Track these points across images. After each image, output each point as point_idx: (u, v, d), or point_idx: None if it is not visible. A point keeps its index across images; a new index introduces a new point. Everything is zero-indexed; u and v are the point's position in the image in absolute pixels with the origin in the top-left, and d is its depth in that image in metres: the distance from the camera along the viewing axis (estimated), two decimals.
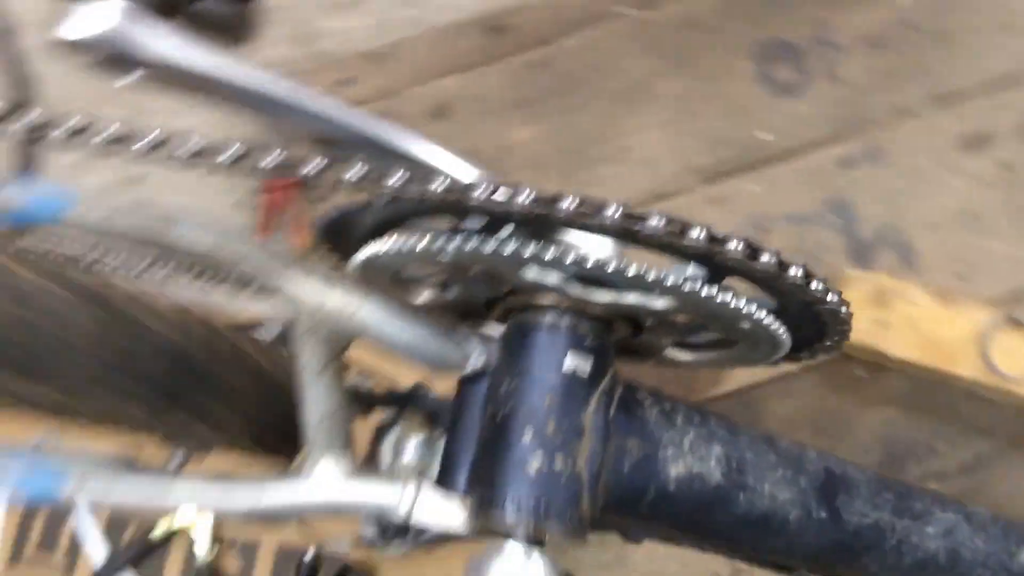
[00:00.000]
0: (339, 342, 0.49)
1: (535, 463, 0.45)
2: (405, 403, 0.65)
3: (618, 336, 0.49)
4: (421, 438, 0.66)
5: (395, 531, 1.19)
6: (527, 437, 0.46)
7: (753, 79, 1.38)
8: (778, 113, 1.36)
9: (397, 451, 0.67)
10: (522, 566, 0.45)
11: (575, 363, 0.46)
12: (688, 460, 0.50)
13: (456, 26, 1.47)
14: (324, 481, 0.52)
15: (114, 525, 1.29)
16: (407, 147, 0.46)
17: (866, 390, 1.24)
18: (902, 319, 1.21)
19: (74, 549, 1.29)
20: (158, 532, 1.24)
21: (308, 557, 1.22)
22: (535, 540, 0.46)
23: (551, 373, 0.46)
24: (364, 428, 0.75)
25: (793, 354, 0.52)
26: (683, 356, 0.53)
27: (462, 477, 0.51)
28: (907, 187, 1.32)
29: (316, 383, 0.49)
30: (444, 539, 1.21)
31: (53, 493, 0.52)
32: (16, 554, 1.30)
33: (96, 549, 1.27)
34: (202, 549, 1.23)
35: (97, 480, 0.53)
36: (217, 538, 1.25)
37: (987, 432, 1.22)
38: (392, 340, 0.48)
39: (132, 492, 0.52)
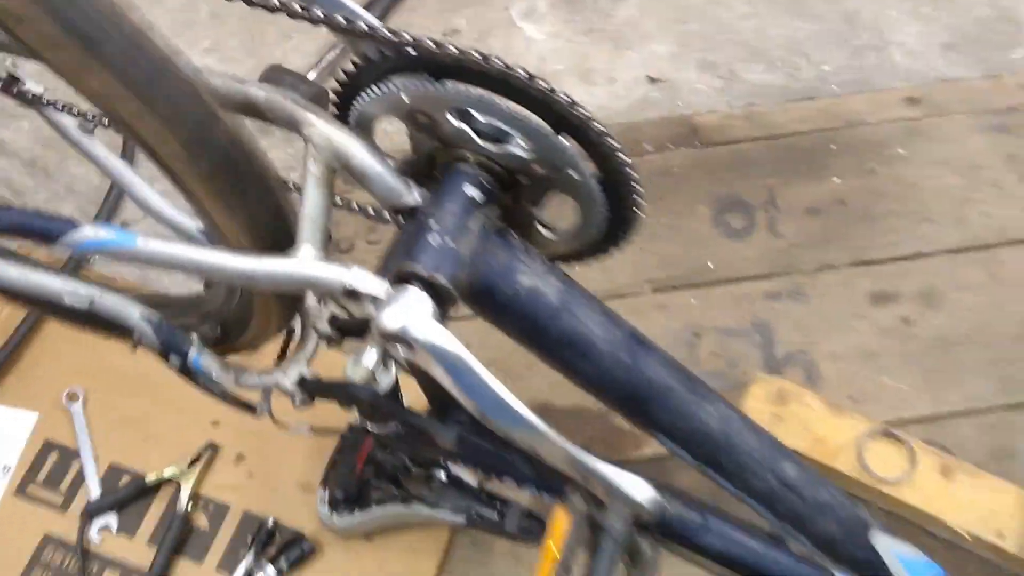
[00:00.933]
0: (335, 164, 0.77)
1: (435, 238, 0.73)
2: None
3: (504, 198, 0.78)
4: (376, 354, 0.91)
5: (345, 503, 1.41)
6: (432, 224, 0.73)
7: (709, 221, 1.70)
8: (724, 250, 1.67)
9: (357, 358, 0.90)
10: (416, 301, 0.72)
11: (473, 192, 0.75)
12: (535, 279, 0.77)
13: None
14: (302, 261, 0.79)
15: (112, 473, 1.52)
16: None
17: None
18: (796, 417, 1.46)
19: (72, 491, 1.52)
20: (150, 478, 1.47)
21: (269, 524, 1.43)
22: (428, 288, 0.72)
23: (456, 195, 0.75)
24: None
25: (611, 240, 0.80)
26: (546, 233, 0.81)
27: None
28: (820, 323, 1.60)
29: (314, 187, 0.77)
30: (382, 528, 1.42)
31: (131, 243, 0.80)
32: (22, 487, 1.52)
33: (93, 489, 1.50)
34: (183, 502, 1.45)
35: (156, 243, 0.80)
36: (194, 495, 1.47)
37: None
38: (365, 171, 0.77)
39: (178, 252, 0.80)
